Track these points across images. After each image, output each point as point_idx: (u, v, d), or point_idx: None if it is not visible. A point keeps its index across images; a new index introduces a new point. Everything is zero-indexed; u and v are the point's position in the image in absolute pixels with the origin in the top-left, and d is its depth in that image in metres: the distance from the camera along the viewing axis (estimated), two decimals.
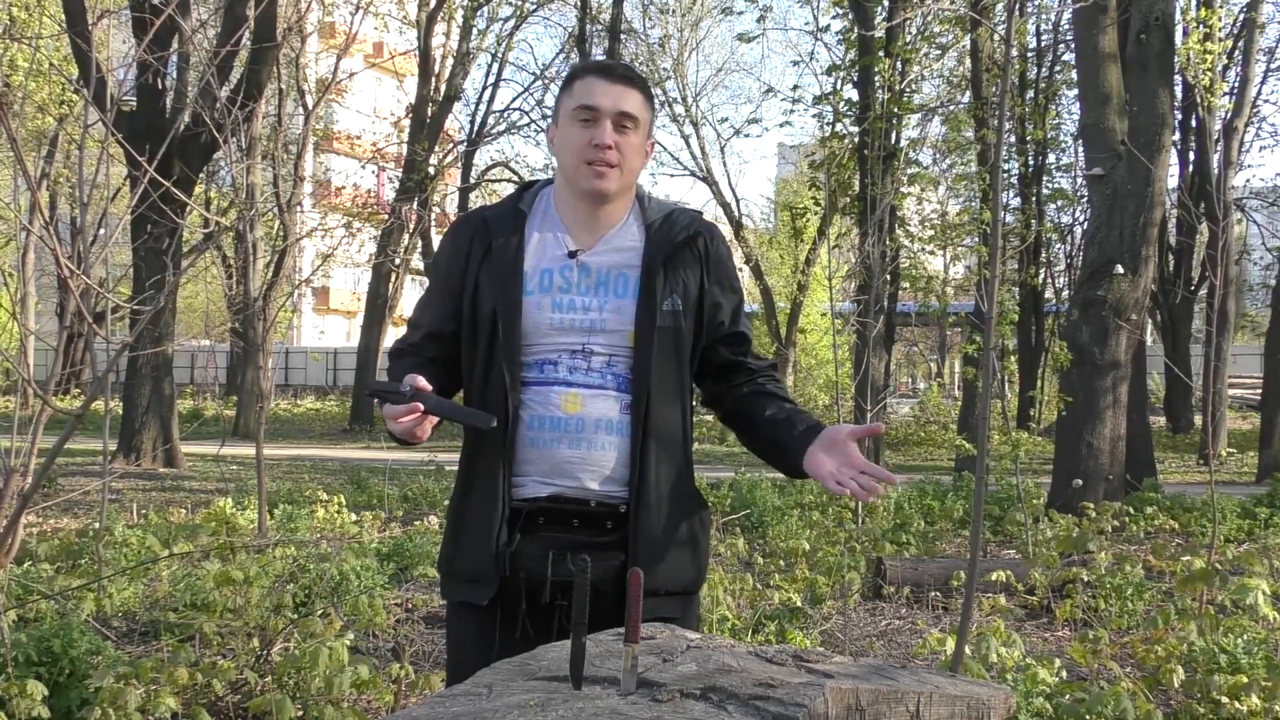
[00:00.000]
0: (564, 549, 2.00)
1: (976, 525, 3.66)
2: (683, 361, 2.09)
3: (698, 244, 2.12)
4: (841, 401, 11.48)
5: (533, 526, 2.02)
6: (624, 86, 2.06)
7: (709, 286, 2.12)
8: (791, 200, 31.48)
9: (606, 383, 2.04)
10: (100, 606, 5.02)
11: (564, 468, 2.02)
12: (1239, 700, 3.70)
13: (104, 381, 5.26)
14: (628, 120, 2.05)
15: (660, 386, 2.05)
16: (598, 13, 22.73)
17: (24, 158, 4.91)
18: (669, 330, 2.05)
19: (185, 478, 12.48)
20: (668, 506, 2.07)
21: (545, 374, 2.04)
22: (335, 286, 41.03)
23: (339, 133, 29.67)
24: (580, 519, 2.02)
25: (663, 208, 2.17)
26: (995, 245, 3.86)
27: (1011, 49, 3.92)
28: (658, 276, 2.06)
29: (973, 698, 1.51)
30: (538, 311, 2.04)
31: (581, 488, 2.02)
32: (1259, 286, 25.65)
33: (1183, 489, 10.80)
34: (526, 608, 2.02)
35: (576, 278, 2.06)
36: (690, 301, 2.09)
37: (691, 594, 2.16)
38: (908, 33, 16.16)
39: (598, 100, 2.03)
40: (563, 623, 1.98)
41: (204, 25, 15.58)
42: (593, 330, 2.04)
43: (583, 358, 2.05)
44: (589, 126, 2.04)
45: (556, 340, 2.04)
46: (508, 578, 2.01)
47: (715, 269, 2.13)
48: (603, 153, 2.03)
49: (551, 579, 2.00)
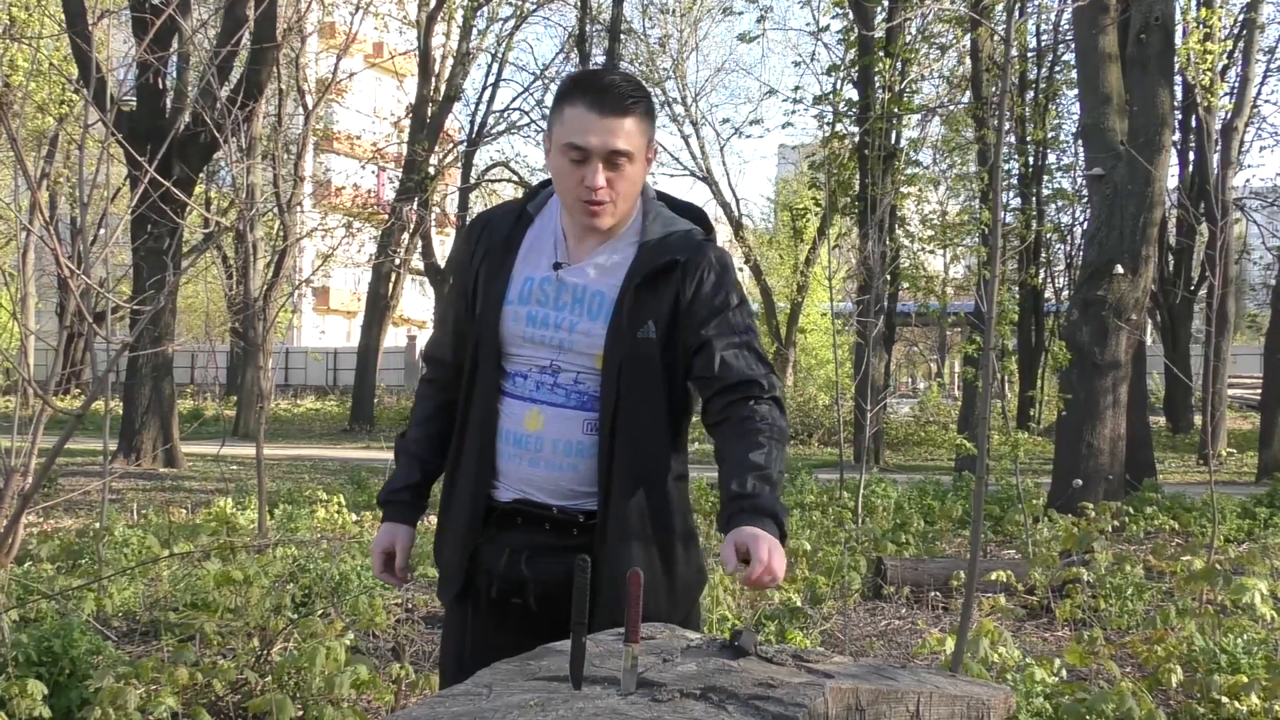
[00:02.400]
0: (524, 550, 2.03)
1: (976, 525, 3.66)
2: (658, 383, 2.01)
3: (683, 268, 2.02)
4: (841, 401, 11.50)
5: (511, 525, 2.06)
6: (616, 119, 1.95)
7: (691, 307, 2.01)
8: (791, 200, 31.49)
9: (570, 401, 2.02)
10: (100, 606, 5.02)
11: (531, 477, 2.04)
12: (1239, 700, 3.70)
13: (104, 381, 5.26)
14: (620, 156, 1.97)
15: (633, 411, 1.99)
16: (598, 13, 22.73)
17: (24, 158, 4.91)
18: (641, 357, 1.99)
19: (185, 478, 12.48)
20: (638, 534, 2.00)
21: (517, 386, 2.05)
22: (335, 286, 41.03)
23: (339, 133, 29.67)
24: (550, 523, 2.04)
25: (666, 225, 2.08)
26: (995, 245, 3.86)
27: (1011, 49, 3.92)
28: (629, 301, 1.99)
29: (973, 698, 1.52)
30: (513, 322, 2.04)
31: (545, 499, 2.04)
32: (1259, 286, 25.64)
33: (1183, 489, 10.80)
34: (485, 602, 2.08)
35: (554, 292, 2.04)
36: (663, 327, 2.00)
37: None
38: (908, 33, 16.18)
39: (588, 141, 1.95)
40: (519, 619, 2.04)
41: (204, 25, 15.57)
42: (561, 348, 2.02)
43: (550, 374, 2.03)
44: (579, 166, 1.97)
45: (528, 353, 2.04)
46: (471, 574, 2.07)
47: (696, 288, 2.02)
48: (595, 193, 1.97)
49: (501, 575, 2.04)
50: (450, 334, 2.18)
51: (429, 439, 2.20)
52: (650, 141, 2.05)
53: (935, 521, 9.01)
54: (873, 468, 13.14)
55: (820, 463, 15.20)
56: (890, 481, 10.48)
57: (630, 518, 2.00)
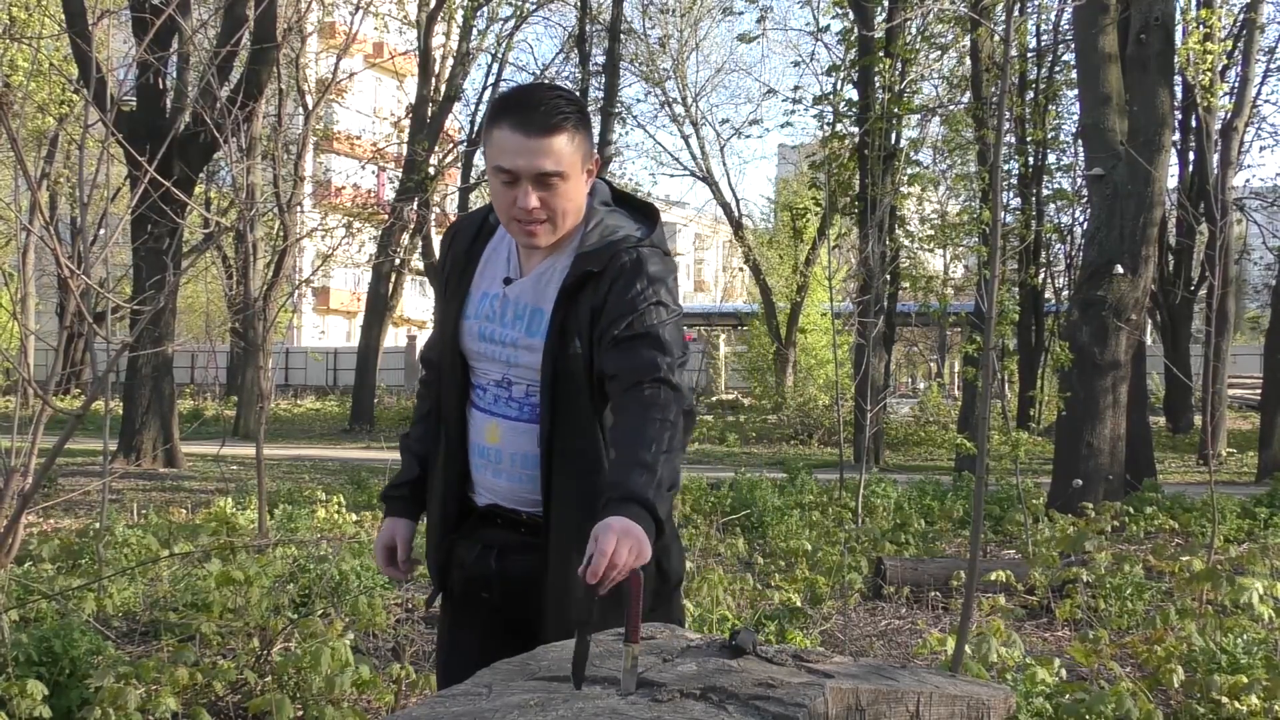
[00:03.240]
0: (496, 545, 2.09)
1: (976, 525, 3.66)
2: (586, 396, 2.01)
3: (590, 282, 2.00)
4: (842, 401, 11.50)
5: (490, 523, 2.11)
6: (541, 139, 1.92)
7: (597, 318, 1.99)
8: (791, 200, 31.51)
9: (524, 415, 2.05)
10: (100, 606, 5.02)
11: (490, 495, 2.10)
12: (1239, 700, 3.70)
13: (104, 381, 5.26)
14: (551, 176, 1.95)
15: (568, 423, 2.00)
16: (598, 13, 22.75)
17: (24, 158, 4.91)
18: (570, 372, 1.99)
19: (185, 478, 12.48)
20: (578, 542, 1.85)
21: (480, 399, 2.10)
22: (335, 286, 41.06)
23: (339, 133, 29.66)
24: (524, 526, 2.08)
25: (605, 234, 2.05)
26: (995, 245, 3.86)
27: (1011, 49, 3.92)
28: (559, 316, 2.00)
29: (973, 698, 1.52)
30: (469, 338, 2.09)
31: (514, 503, 2.09)
32: (1260, 286, 25.64)
33: (1183, 489, 10.80)
34: (456, 595, 2.16)
35: (501, 309, 2.07)
36: (586, 341, 2.00)
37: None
38: (908, 33, 16.17)
39: (515, 164, 1.93)
40: (489, 615, 2.11)
41: (204, 25, 15.57)
42: (509, 364, 2.06)
43: (504, 388, 2.07)
44: (510, 188, 1.96)
45: (484, 367, 2.09)
46: (446, 571, 2.14)
47: (605, 295, 1.98)
48: (528, 213, 1.96)
49: (468, 569, 2.10)
50: (437, 338, 2.24)
51: (428, 437, 2.24)
52: (588, 154, 2.02)
53: (935, 521, 9.01)
54: (873, 468, 13.13)
55: (820, 463, 15.19)
56: (890, 481, 10.48)
57: (569, 526, 1.96)
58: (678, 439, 1.86)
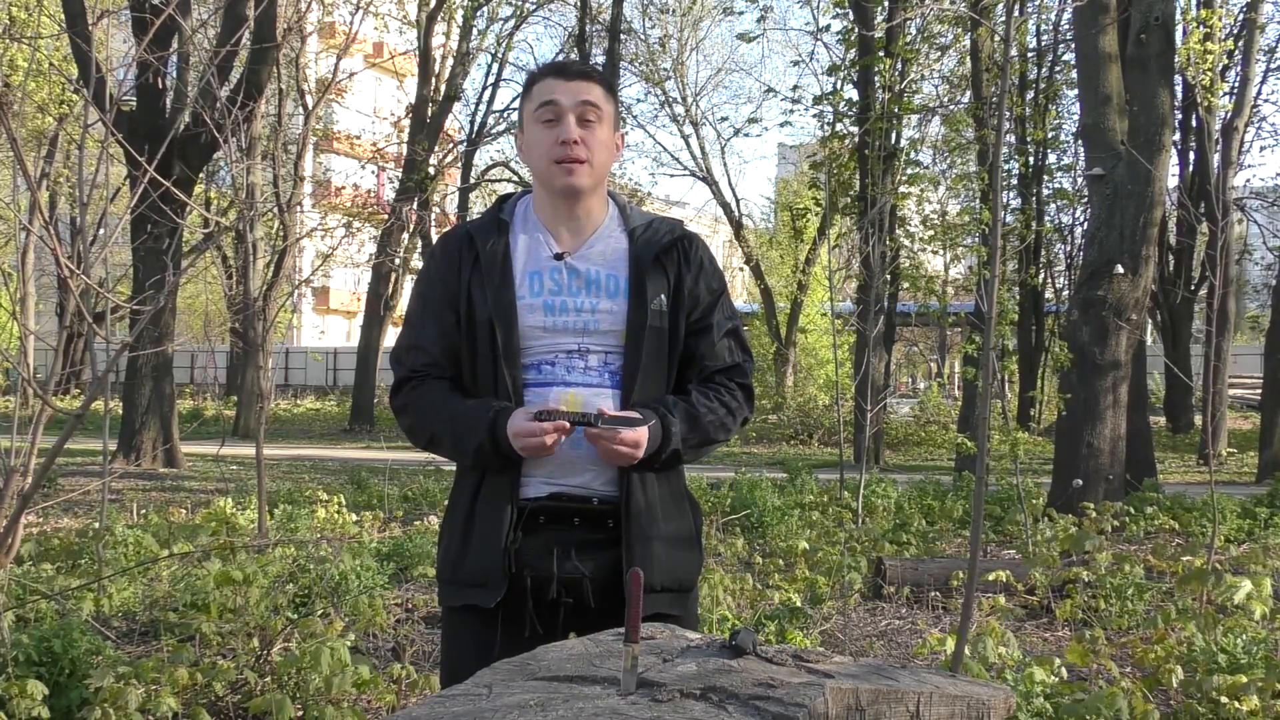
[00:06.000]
0: (567, 546, 2.03)
1: (976, 525, 3.66)
2: (665, 359, 2.11)
3: (680, 247, 2.15)
4: (842, 401, 11.50)
5: (534, 526, 2.04)
6: (581, 81, 2.09)
7: (690, 286, 2.13)
8: (791, 200, 31.51)
9: (605, 381, 2.07)
10: (100, 606, 5.02)
11: (568, 466, 2.04)
12: (1238, 700, 3.70)
13: (104, 381, 5.26)
14: (591, 111, 2.07)
15: (647, 383, 2.08)
16: (598, 13, 22.74)
17: (24, 158, 4.91)
18: (657, 329, 2.08)
19: (185, 478, 12.48)
20: (659, 501, 2.08)
21: (544, 374, 2.06)
22: (335, 286, 41.01)
23: (339, 133, 29.67)
24: (580, 516, 2.04)
25: (644, 216, 2.21)
26: (995, 245, 3.86)
27: (1011, 49, 3.92)
28: (647, 277, 2.09)
29: (973, 698, 1.51)
30: (531, 315, 2.07)
31: (585, 486, 2.04)
32: (1260, 286, 25.63)
33: (1183, 489, 10.80)
34: (533, 605, 2.03)
35: (566, 279, 2.09)
36: (671, 300, 2.11)
37: (688, 590, 2.17)
38: (908, 33, 16.19)
39: (557, 96, 2.06)
40: (568, 619, 2.02)
41: (204, 25, 15.58)
42: (586, 331, 2.07)
43: (580, 357, 2.07)
44: (553, 125, 2.06)
45: (552, 342, 2.07)
46: (514, 577, 2.02)
47: (696, 269, 2.15)
48: (570, 149, 2.05)
49: (558, 576, 2.02)
50: (435, 339, 2.13)
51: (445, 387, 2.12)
52: (616, 120, 2.16)
53: (935, 521, 9.01)
54: (873, 468, 13.14)
55: (820, 463, 15.20)
56: (890, 481, 10.48)
57: (652, 490, 2.08)
58: (723, 435, 2.14)
